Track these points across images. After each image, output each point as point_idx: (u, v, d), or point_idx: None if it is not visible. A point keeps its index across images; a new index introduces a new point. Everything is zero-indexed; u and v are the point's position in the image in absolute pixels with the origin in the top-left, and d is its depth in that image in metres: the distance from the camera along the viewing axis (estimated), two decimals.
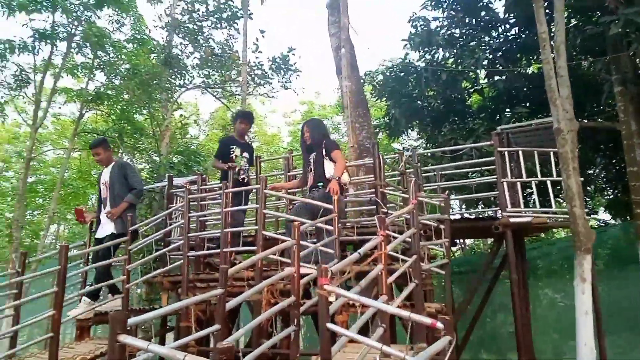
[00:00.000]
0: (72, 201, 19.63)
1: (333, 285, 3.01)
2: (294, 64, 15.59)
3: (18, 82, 14.91)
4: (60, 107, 22.50)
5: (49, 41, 14.47)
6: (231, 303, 3.48)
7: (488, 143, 6.82)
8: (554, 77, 5.60)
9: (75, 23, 14.98)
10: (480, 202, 8.68)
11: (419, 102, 10.40)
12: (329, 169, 6.11)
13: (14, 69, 14.74)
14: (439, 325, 2.58)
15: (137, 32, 16.11)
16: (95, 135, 18.04)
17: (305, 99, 28.94)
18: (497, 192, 6.56)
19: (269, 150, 25.91)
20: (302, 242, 4.48)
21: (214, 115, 25.93)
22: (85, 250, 6.02)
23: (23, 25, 14.47)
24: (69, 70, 15.66)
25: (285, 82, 15.70)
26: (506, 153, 6.56)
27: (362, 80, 10.45)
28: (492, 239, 8.28)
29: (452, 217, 5.74)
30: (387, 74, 10.62)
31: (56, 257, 5.19)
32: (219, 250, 5.83)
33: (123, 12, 16.25)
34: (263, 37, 14.67)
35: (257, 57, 15.36)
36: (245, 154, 6.68)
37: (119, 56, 15.22)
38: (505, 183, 6.42)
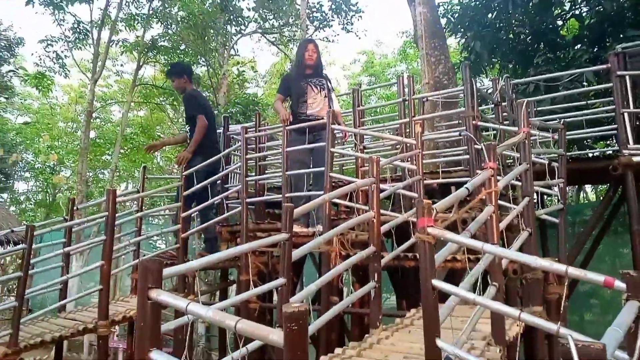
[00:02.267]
0: (136, 157, 19.80)
1: (439, 227, 2.15)
2: (356, 3, 14.37)
3: (76, 34, 14.74)
4: (122, 65, 22.68)
5: None
6: (297, 252, 2.73)
7: (603, 66, 5.54)
8: None
9: None
10: (586, 142, 7.35)
11: (503, 32, 9.00)
12: (337, 105, 5.41)
13: (72, 22, 14.58)
14: (619, 284, 1.68)
15: None
16: (152, 89, 17.89)
17: (366, 48, 27.45)
18: (613, 127, 5.36)
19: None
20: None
21: (271, 70, 25.13)
22: (138, 195, 5.49)
23: None
24: (126, 20, 15.30)
25: (347, 24, 14.53)
26: (627, 78, 5.28)
27: (437, 7, 9.14)
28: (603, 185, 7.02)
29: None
30: (467, 1, 9.22)
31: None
32: (280, 197, 5.13)
33: None
34: None
35: None
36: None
37: (174, 3, 14.62)
38: (626, 114, 5.18)
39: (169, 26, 14.76)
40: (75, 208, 5.09)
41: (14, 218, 11.43)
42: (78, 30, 14.65)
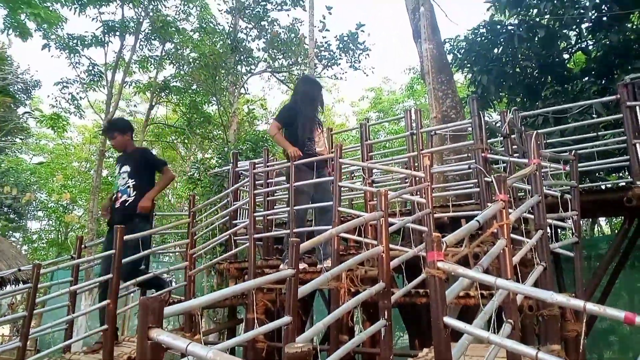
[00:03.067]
0: None
1: (450, 262, 2.08)
2: (363, 42, 14.64)
3: (91, 76, 15.16)
4: (135, 105, 23.19)
5: (118, 34, 14.55)
6: (303, 289, 2.66)
7: (612, 98, 5.50)
8: None
9: (143, 14, 14.99)
10: (598, 174, 7.24)
11: (509, 66, 9.06)
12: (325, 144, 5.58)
13: (86, 64, 15.01)
14: None
15: (203, 20, 15.91)
16: (164, 128, 18.19)
17: (373, 85, 27.82)
18: (625, 158, 5.28)
19: (336, 139, 25.09)
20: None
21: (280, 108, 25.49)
22: (146, 232, 5.46)
23: (93, 19, 14.65)
24: (139, 62, 15.74)
25: (354, 62, 14.77)
26: (637, 108, 5.23)
27: (444, 43, 9.25)
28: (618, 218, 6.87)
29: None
30: (472, 37, 9.33)
31: None
32: (287, 232, 5.06)
33: (189, 1, 16.12)
34: (330, 14, 13.85)
35: (324, 37, 14.56)
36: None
37: (186, 45, 15.05)
38: (638, 145, 5.11)
39: (181, 67, 15.14)
40: (83, 246, 5.07)
41: (24, 257, 11.44)
42: (93, 72, 15.09)
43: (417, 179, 4.77)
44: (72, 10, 14.13)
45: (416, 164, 5.35)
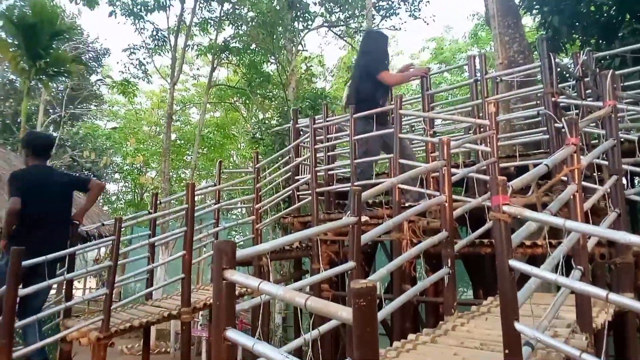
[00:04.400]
0: (213, 155, 20.65)
1: (517, 205, 2.04)
2: None
3: (155, 41, 15.62)
4: (198, 69, 23.74)
5: None
6: (366, 236, 2.71)
7: None
8: None
9: None
10: None
11: (583, 5, 8.35)
12: None
13: (150, 30, 15.46)
14: None
15: None
16: (227, 90, 18.54)
17: (434, 35, 26.66)
18: None
19: (397, 91, 24.50)
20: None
21: (338, 65, 25.12)
22: (214, 187, 5.72)
23: None
24: (200, 24, 15.99)
25: (414, 10, 14.19)
26: None
27: None
28: None
29: None
30: None
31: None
32: (349, 185, 5.12)
33: None
34: None
35: None
36: None
37: (244, 4, 15.05)
38: None
39: (240, 27, 15.23)
40: (158, 202, 5.40)
41: (106, 215, 12.36)
42: (157, 37, 15.53)
43: (482, 127, 4.63)
44: None
45: (480, 113, 5.17)
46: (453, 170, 3.83)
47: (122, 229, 4.36)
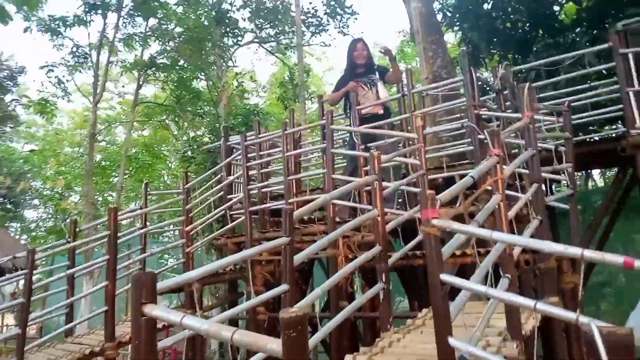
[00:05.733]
0: (142, 176, 19.83)
1: (445, 218, 2.04)
2: (351, 5, 14.34)
3: (76, 58, 14.84)
4: (123, 86, 22.81)
5: (100, 12, 14.17)
6: (299, 256, 2.63)
7: (605, 46, 5.39)
8: None
9: None
10: (592, 126, 7.18)
11: (500, 22, 8.87)
12: (384, 94, 5.41)
13: (70, 46, 14.68)
14: (639, 264, 1.55)
15: None
16: (154, 107, 17.93)
17: None
18: (619, 108, 5.22)
19: (328, 107, 24.78)
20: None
21: (270, 80, 25.11)
22: (141, 211, 5.42)
23: None
24: (124, 40, 15.39)
25: (342, 27, 14.49)
26: (630, 55, 5.13)
27: (432, 2, 9.02)
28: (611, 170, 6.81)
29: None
30: None
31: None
32: (282, 203, 5.04)
33: None
34: None
35: (310, 2, 14.28)
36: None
37: (170, 20, 14.69)
38: (632, 93, 5.03)
39: (167, 43, 14.82)
40: (77, 230, 5.03)
41: (21, 245, 11.43)
42: (77, 54, 14.76)
43: (411, 141, 4.72)
44: None
45: (409, 127, 5.28)
46: (384, 183, 3.86)
47: (43, 260, 4.01)
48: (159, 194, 15.10)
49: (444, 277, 1.96)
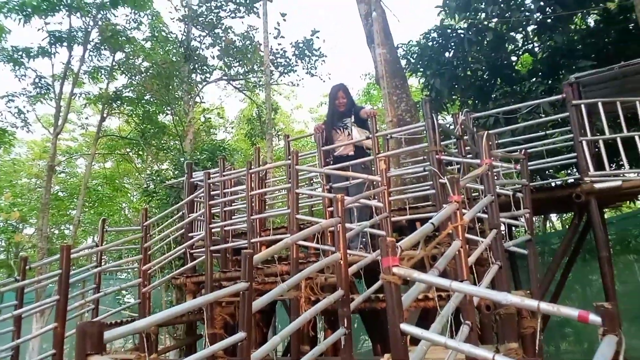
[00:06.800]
0: (102, 210, 19.24)
1: (405, 267, 2.04)
2: (319, 48, 14.68)
3: (38, 88, 14.52)
4: (87, 118, 22.37)
5: (65, 44, 14.01)
6: (258, 302, 2.56)
7: (559, 97, 5.68)
8: None
9: (91, 24, 14.48)
10: (548, 172, 7.47)
11: (460, 70, 9.27)
12: (357, 136, 5.61)
13: (33, 77, 14.37)
14: (594, 318, 1.58)
15: (154, 29, 15.53)
16: (118, 140, 17.61)
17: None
18: (573, 155, 5.47)
19: (296, 145, 24.99)
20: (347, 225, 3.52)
21: (238, 116, 25.17)
22: (96, 249, 5.22)
23: (38, 30, 14.06)
24: (89, 73, 15.20)
25: (310, 68, 14.78)
26: (582, 106, 5.41)
27: (396, 48, 9.36)
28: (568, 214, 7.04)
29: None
30: (424, 41, 9.49)
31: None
32: (245, 242, 4.95)
33: (139, 10, 15.69)
34: (284, 20, 13.85)
35: (279, 44, 14.52)
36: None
37: (138, 55, 14.64)
38: (584, 142, 5.28)
39: (133, 77, 14.72)
40: (27, 267, 4.78)
41: None
42: (40, 84, 14.45)
43: (375, 183, 4.77)
44: (16, 21, 13.54)
45: (373, 169, 5.34)
46: (348, 226, 3.86)
47: None
48: (119, 231, 14.64)
49: (405, 327, 1.94)
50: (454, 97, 9.94)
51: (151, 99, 14.63)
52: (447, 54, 9.59)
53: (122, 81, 15.71)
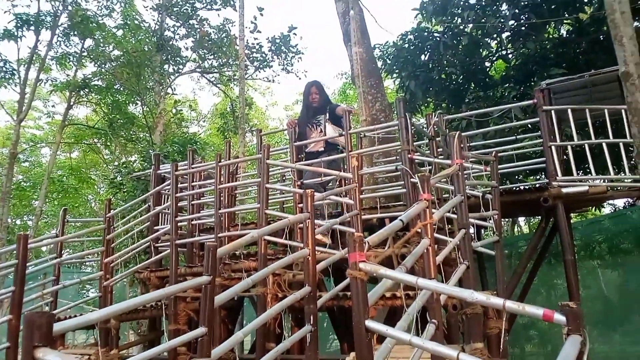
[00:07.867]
0: (66, 201, 18.66)
1: (372, 262, 1.99)
2: (296, 45, 14.57)
3: (2, 73, 13.96)
4: (54, 106, 21.68)
5: (32, 28, 13.53)
6: (221, 296, 2.48)
7: (530, 102, 5.76)
8: (617, 11, 4.57)
9: (61, 8, 14.03)
10: (517, 176, 7.61)
11: (435, 73, 9.34)
12: (331, 133, 5.53)
13: None
14: (558, 317, 1.56)
15: (127, 17, 15.14)
16: (86, 129, 17.10)
17: None
18: (542, 160, 5.56)
19: (271, 143, 24.81)
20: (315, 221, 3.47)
21: (212, 110, 24.81)
22: (55, 239, 5.01)
23: (5, 12, 13.56)
24: (58, 59, 14.71)
25: (287, 64, 14.67)
26: (553, 112, 5.50)
27: (373, 48, 9.36)
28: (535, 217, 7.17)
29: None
30: (400, 43, 9.53)
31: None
32: (212, 237, 4.84)
33: None
34: (262, 15, 13.66)
35: (255, 38, 14.35)
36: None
37: (108, 42, 14.25)
38: (553, 147, 5.37)
39: (103, 65, 14.33)
40: None
41: None
42: (4, 69, 13.91)
43: (347, 180, 4.72)
44: None
45: (346, 166, 5.31)
46: (317, 222, 3.80)
47: None
48: (83, 222, 14.21)
49: (369, 323, 1.89)
50: (428, 99, 10.01)
51: (121, 88, 14.28)
52: (422, 57, 9.65)
53: (91, 69, 15.32)
